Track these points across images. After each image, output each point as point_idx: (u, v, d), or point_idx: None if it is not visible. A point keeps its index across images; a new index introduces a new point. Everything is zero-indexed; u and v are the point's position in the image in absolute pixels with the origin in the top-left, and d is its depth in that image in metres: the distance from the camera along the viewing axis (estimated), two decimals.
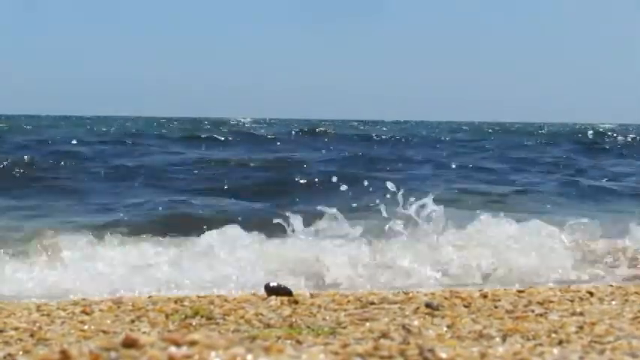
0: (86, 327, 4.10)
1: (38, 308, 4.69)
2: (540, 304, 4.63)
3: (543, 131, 52.28)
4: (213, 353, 2.40)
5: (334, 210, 7.52)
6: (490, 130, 53.46)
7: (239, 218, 8.16)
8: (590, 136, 40.92)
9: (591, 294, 5.02)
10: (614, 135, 42.65)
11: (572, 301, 4.76)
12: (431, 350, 2.72)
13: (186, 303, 4.76)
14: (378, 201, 7.64)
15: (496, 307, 4.52)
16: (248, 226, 7.49)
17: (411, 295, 5.02)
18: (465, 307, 4.54)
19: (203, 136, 32.67)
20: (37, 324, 4.19)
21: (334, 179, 9.99)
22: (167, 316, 4.35)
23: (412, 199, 7.52)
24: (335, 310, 4.48)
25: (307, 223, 7.47)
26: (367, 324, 4.02)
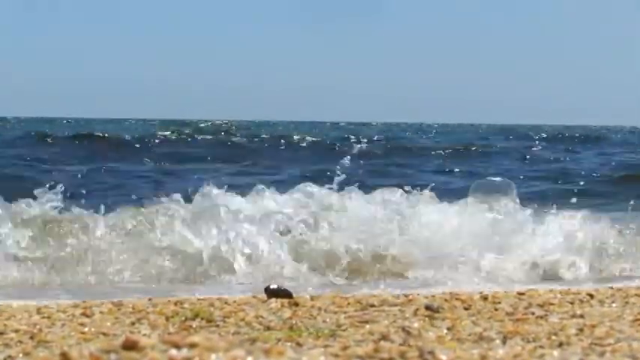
0: (86, 329, 4.10)
1: (38, 310, 4.68)
2: (540, 306, 4.62)
3: None
4: (213, 355, 2.41)
5: None
6: None
7: None
8: None
9: (591, 296, 5.02)
10: None
11: (572, 303, 4.76)
12: (431, 352, 2.72)
13: (186, 305, 4.76)
14: None
15: (496, 309, 4.52)
16: None
17: (410, 297, 5.02)
18: (465, 309, 4.54)
19: None
20: (38, 326, 4.18)
21: None
22: (167, 319, 4.35)
23: None
24: (335, 313, 4.47)
25: None
26: (367, 326, 4.01)
